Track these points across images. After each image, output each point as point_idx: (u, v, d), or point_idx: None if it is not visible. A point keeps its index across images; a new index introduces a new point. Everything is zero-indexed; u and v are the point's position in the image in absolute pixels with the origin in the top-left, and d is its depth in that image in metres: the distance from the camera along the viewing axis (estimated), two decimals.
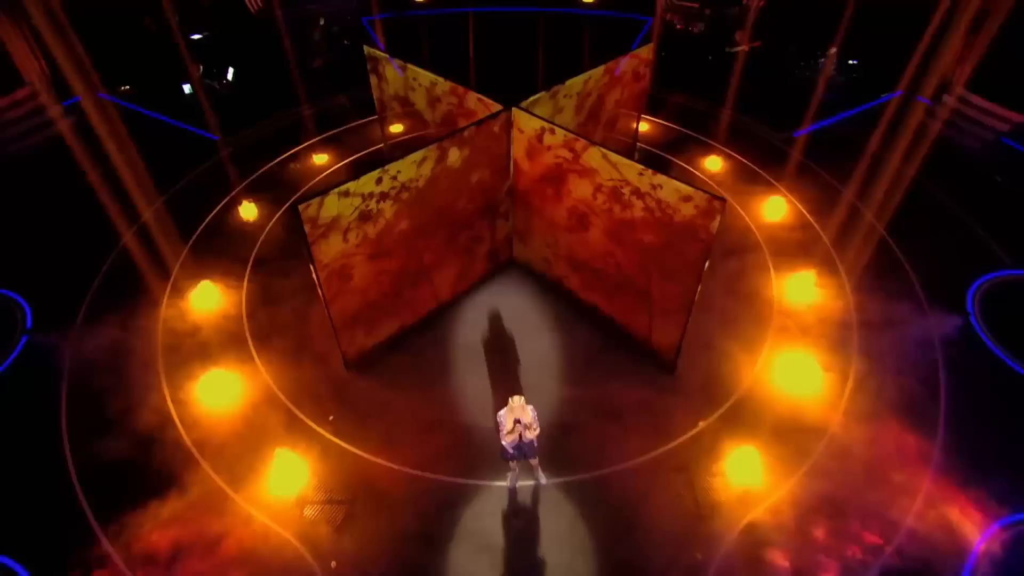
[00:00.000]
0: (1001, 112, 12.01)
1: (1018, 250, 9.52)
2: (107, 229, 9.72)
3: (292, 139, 11.88)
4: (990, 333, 8.36)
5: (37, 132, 11.74)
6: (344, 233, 6.42)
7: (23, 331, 8.20)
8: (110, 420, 7.20)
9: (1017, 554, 6.14)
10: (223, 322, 8.39)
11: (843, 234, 9.82)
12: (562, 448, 6.97)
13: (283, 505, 6.49)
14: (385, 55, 8.37)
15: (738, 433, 7.16)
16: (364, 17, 15.51)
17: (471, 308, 8.62)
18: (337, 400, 7.44)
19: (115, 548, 6.15)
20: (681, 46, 14.88)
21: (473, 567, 6.08)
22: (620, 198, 6.79)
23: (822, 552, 6.16)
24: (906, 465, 6.90)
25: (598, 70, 8.11)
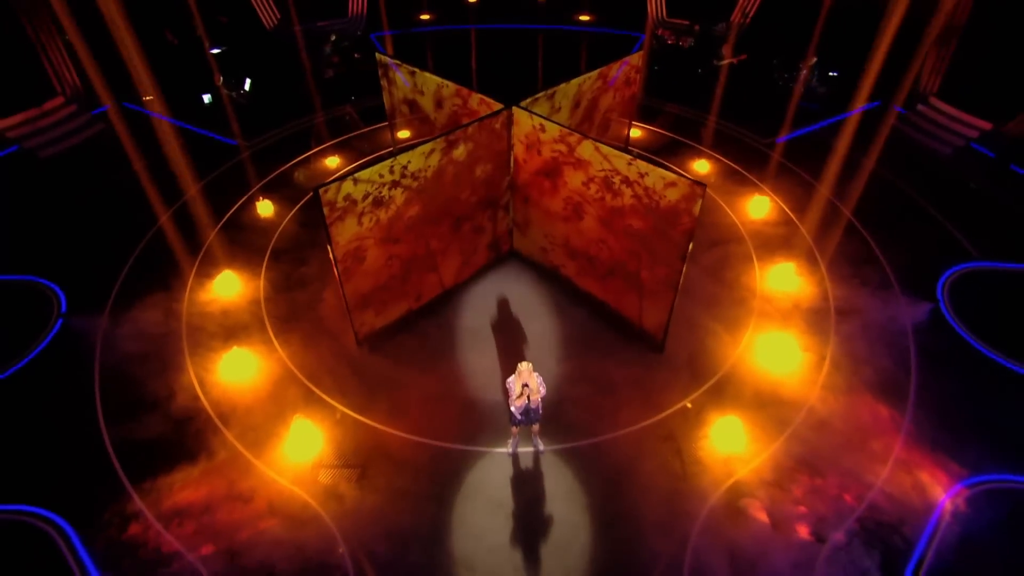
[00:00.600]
0: (970, 120, 12.61)
1: (984, 244, 10.01)
2: (135, 223, 10.26)
3: (305, 144, 12.45)
4: (958, 319, 8.82)
5: (69, 137, 12.31)
6: (359, 217, 6.93)
7: (58, 315, 8.66)
8: (139, 394, 7.64)
9: (976, 510, 6.56)
10: (243, 306, 8.87)
11: (822, 230, 10.32)
12: (559, 419, 7.40)
13: (300, 469, 6.90)
14: (394, 59, 8.95)
15: (722, 406, 7.59)
16: (373, 33, 16.22)
17: (474, 295, 9.11)
18: (349, 375, 7.87)
19: (146, 505, 6.55)
20: (672, 59, 15.56)
21: (478, 523, 6.48)
22: (611, 187, 7.31)
23: (800, 507, 6.57)
24: (879, 433, 7.32)
25: (592, 74, 8.68)
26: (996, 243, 10.04)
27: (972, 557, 6.23)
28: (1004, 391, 7.83)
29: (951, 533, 6.42)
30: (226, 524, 6.40)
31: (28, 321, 8.59)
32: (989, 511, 6.59)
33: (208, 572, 6.03)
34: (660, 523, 6.47)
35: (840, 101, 13.63)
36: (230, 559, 6.11)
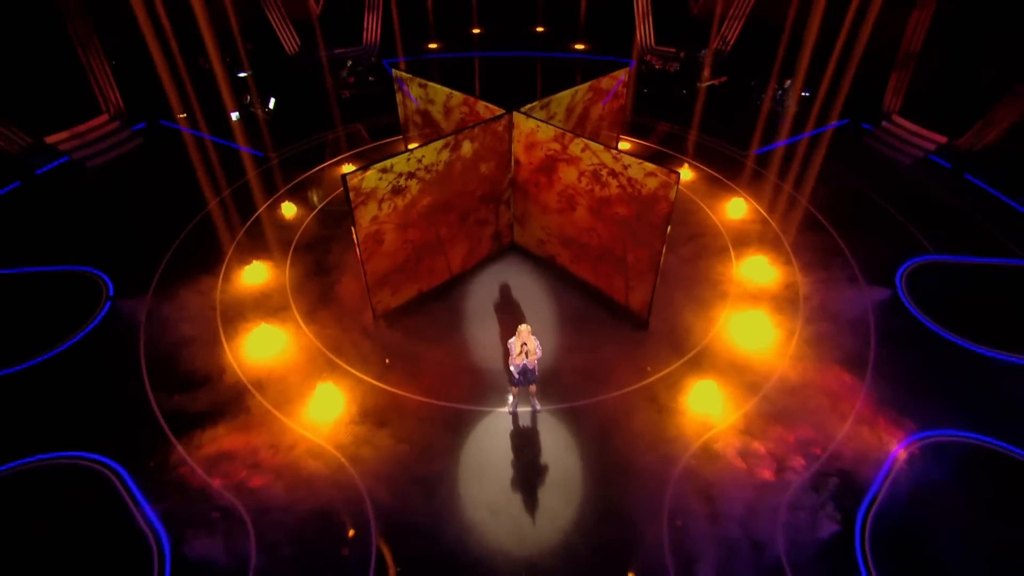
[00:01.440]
0: (928, 135, 13.62)
1: (938, 240, 10.88)
2: (172, 222, 11.15)
3: (323, 156, 13.45)
4: (914, 303, 9.62)
5: (112, 150, 13.34)
6: (379, 203, 7.82)
7: (107, 297, 9.50)
8: (179, 364, 8.40)
9: (923, 459, 7.28)
10: (270, 290, 9.69)
11: (794, 228, 11.19)
12: (554, 384, 8.15)
13: (324, 425, 7.63)
14: (407, 74, 9.97)
15: (700, 374, 8.34)
16: (386, 60, 17.44)
17: (478, 281, 9.94)
18: (367, 348, 8.64)
19: (189, 454, 7.27)
20: (659, 82, 16.70)
21: (483, 471, 7.17)
22: (599, 179, 8.21)
23: (770, 455, 7.27)
24: (841, 396, 8.06)
25: (584, 86, 9.66)
26: (948, 239, 10.90)
27: (919, 497, 6.92)
28: (951, 363, 8.60)
29: (901, 477, 7.11)
30: (259, 469, 7.10)
31: (81, 304, 9.41)
32: (934, 460, 7.31)
33: (242, 506, 6.72)
34: (644, 468, 7.17)
35: (813, 118, 14.68)
36: (262, 497, 6.80)
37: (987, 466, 7.29)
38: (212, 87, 14.92)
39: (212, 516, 6.63)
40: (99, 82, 13.55)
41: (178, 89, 14.75)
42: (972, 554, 6.40)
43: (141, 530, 6.57)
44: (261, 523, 6.58)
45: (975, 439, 7.54)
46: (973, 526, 6.65)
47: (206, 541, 6.43)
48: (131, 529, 6.58)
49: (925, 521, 6.72)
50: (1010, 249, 10.72)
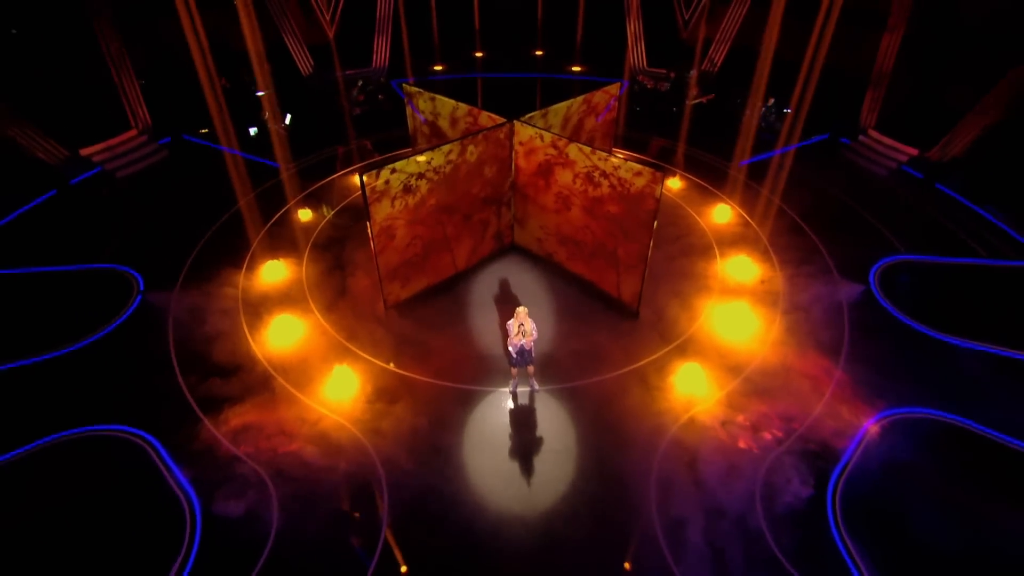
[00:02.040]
0: (901, 147, 14.39)
1: (909, 241, 11.55)
2: (196, 225, 11.83)
3: (336, 167, 14.21)
4: (885, 297, 10.24)
5: (140, 162, 14.12)
6: (392, 200, 8.51)
7: (138, 292, 10.14)
8: (205, 351, 8.99)
9: (890, 434, 7.83)
10: (288, 286, 10.32)
11: (775, 230, 11.84)
12: (553, 367, 8.73)
13: (340, 403, 8.19)
14: (417, 89, 10.76)
15: (687, 358, 8.93)
16: (394, 80, 18.36)
17: (481, 277, 10.58)
18: (379, 335, 9.24)
19: (215, 427, 7.83)
20: (652, 100, 17.57)
21: (486, 444, 7.72)
22: (592, 180, 8.92)
23: (750, 428, 7.82)
24: (817, 377, 8.62)
25: (578, 99, 10.43)
26: (919, 241, 11.57)
27: (886, 466, 7.45)
28: (918, 349, 9.18)
29: (871, 448, 7.65)
30: (279, 440, 7.65)
31: (115, 297, 10.05)
32: (900, 434, 7.85)
33: (264, 471, 7.26)
34: (634, 440, 7.72)
35: (795, 133, 15.47)
36: (283, 464, 7.34)
37: (948, 439, 7.83)
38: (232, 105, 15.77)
39: (238, 481, 7.15)
40: (129, 100, 14.39)
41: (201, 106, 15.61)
42: (932, 515, 6.90)
43: (174, 493, 7.10)
44: (282, 487, 7.11)
45: (938, 415, 8.09)
46: (934, 491, 7.17)
47: (233, 503, 6.94)
48: (165, 492, 7.11)
49: (891, 487, 7.24)
50: (974, 250, 11.38)
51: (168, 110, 15.33)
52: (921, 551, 6.58)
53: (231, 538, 6.66)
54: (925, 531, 6.75)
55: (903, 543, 6.66)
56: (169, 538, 6.64)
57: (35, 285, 10.43)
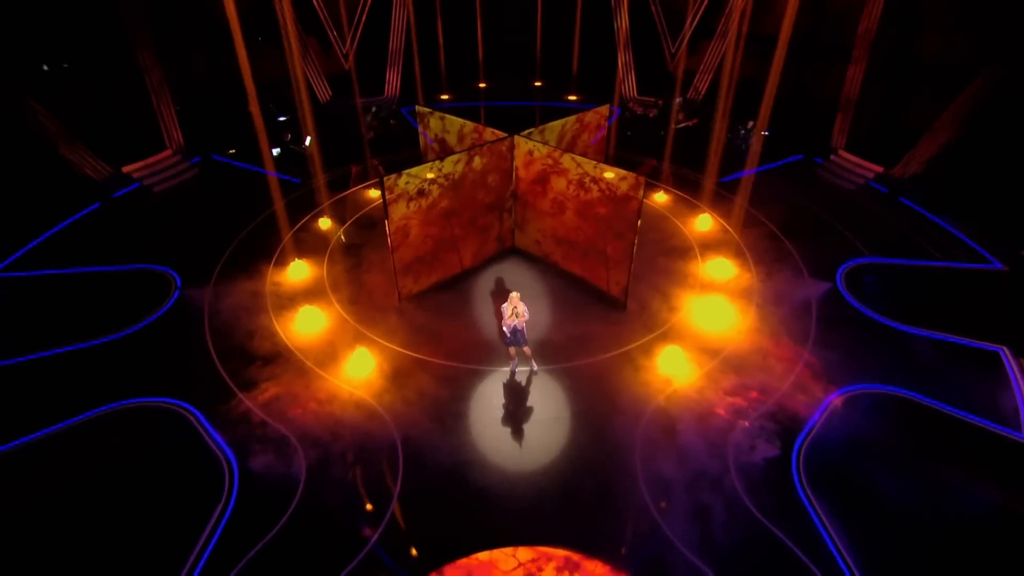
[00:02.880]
0: (868, 165, 15.52)
1: (873, 246, 12.53)
2: (226, 232, 12.85)
3: (351, 183, 15.32)
4: (850, 293, 11.16)
5: (174, 178, 15.26)
6: (407, 202, 9.53)
7: (176, 288, 11.09)
8: (237, 337, 9.87)
9: (848, 408, 8.64)
10: (310, 282, 11.27)
11: (751, 237, 12.84)
12: (549, 350, 9.59)
13: (359, 380, 9.04)
14: (428, 110, 11.90)
15: (669, 343, 9.80)
16: (404, 107, 19.68)
17: (484, 275, 11.53)
18: (393, 323, 10.13)
19: (248, 399, 8.67)
20: (641, 125, 18.82)
21: (491, 414, 8.54)
22: (584, 185, 9.96)
23: (725, 401, 8.65)
24: (786, 360, 9.47)
25: (572, 118, 11.57)
26: (882, 245, 12.55)
27: (845, 432, 8.25)
28: (877, 337, 10.05)
29: (832, 419, 8.46)
30: (305, 409, 8.48)
31: (156, 293, 10.99)
32: (858, 407, 8.66)
33: (293, 435, 8.07)
34: (622, 409, 8.54)
35: (772, 153, 16.66)
36: (309, 429, 8.16)
37: (901, 411, 8.64)
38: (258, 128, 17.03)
39: (269, 443, 7.96)
40: (165, 123, 15.62)
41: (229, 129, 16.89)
42: (885, 473, 7.65)
43: (214, 454, 7.90)
44: (308, 447, 7.91)
45: (892, 391, 8.92)
46: (888, 453, 7.95)
47: (265, 460, 7.74)
48: (206, 453, 7.91)
49: (849, 450, 8.01)
50: (931, 253, 12.35)
51: (199, 133, 16.53)
52: (873, 502, 7.32)
53: (265, 489, 7.43)
54: (878, 486, 7.50)
55: (858, 496, 7.41)
56: (211, 489, 7.41)
57: (87, 282, 11.38)
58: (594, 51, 21.89)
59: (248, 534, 6.87)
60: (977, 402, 8.67)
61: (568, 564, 6.66)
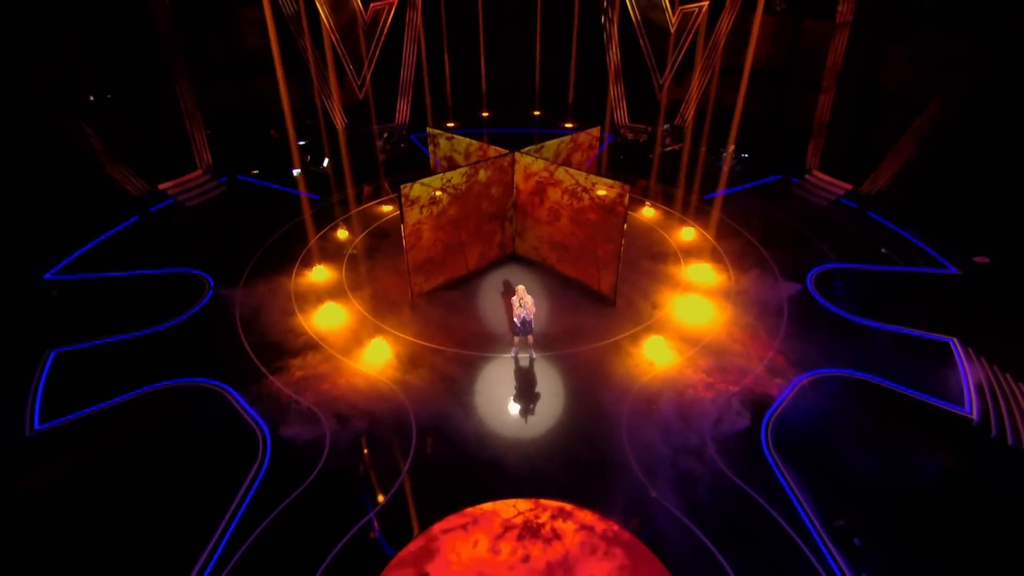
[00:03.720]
0: (838, 183, 16.76)
1: (838, 252, 13.64)
2: (253, 241, 13.99)
3: (364, 199, 16.56)
4: (818, 294, 12.21)
5: (203, 195, 16.52)
6: (421, 208, 10.70)
7: (210, 288, 12.17)
8: (266, 329, 10.89)
9: (815, 387, 9.62)
10: (331, 283, 12.35)
11: (731, 246, 13.94)
12: (546, 340, 10.59)
13: (376, 365, 10.04)
14: (438, 131, 13.19)
15: (654, 334, 10.82)
16: (413, 134, 21.11)
17: (488, 276, 12.61)
18: (406, 317, 11.18)
19: (277, 379, 9.66)
20: (632, 149, 20.19)
21: (493, 394, 9.51)
22: (576, 195, 11.13)
23: (704, 380, 9.62)
24: (759, 348, 10.47)
25: (566, 138, 12.82)
26: (849, 253, 13.67)
27: (809, 407, 9.19)
28: (842, 330, 11.06)
29: (799, 396, 9.42)
30: (328, 388, 9.46)
31: (192, 292, 12.07)
32: (822, 387, 9.63)
33: (319, 411, 9.02)
34: (610, 388, 9.51)
35: (752, 174, 17.93)
36: (332, 405, 9.12)
37: (860, 391, 9.59)
38: (279, 151, 18.43)
39: (296, 415, 8.92)
40: (197, 145, 16.97)
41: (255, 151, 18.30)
42: (846, 443, 8.58)
43: (249, 424, 8.86)
44: (332, 418, 8.86)
45: (853, 374, 9.89)
46: (847, 426, 8.88)
47: (294, 429, 8.69)
48: (242, 424, 8.87)
49: (812, 423, 8.94)
50: (893, 259, 13.46)
51: (226, 155, 17.86)
52: (831, 465, 8.23)
53: (294, 454, 8.36)
54: (838, 453, 8.41)
55: (819, 461, 8.31)
56: (247, 453, 8.34)
57: (132, 283, 12.47)
58: (588, 83, 23.45)
59: (282, 488, 7.78)
60: (929, 383, 9.63)
61: (562, 513, 7.56)
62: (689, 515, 7.46)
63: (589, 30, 22.05)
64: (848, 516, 7.45)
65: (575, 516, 7.50)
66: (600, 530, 7.32)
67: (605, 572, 6.84)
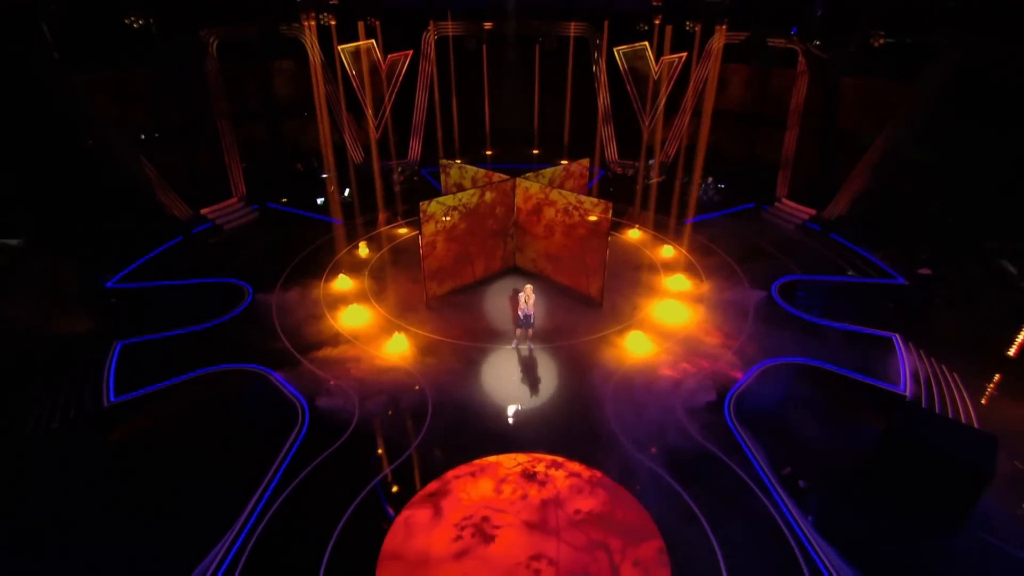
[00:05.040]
0: (804, 209, 18.68)
1: (804, 267, 15.38)
2: (285, 255, 15.80)
3: (381, 223, 18.46)
4: (782, 300, 13.87)
5: (239, 220, 18.46)
6: (436, 222, 12.53)
7: (249, 294, 13.88)
8: (300, 326, 12.52)
9: (773, 372, 11.16)
10: (355, 291, 14.06)
11: (706, 261, 15.70)
12: (542, 335, 12.19)
13: (397, 354, 11.63)
14: (449, 160, 15.18)
15: (635, 330, 12.43)
16: (423, 169, 23.28)
17: (491, 285, 14.32)
18: (422, 316, 12.82)
19: (310, 363, 11.24)
20: (621, 182, 22.26)
21: (499, 380, 11.02)
22: (568, 212, 12.98)
23: (677, 366, 11.17)
24: (726, 342, 12.05)
25: (559, 168, 14.78)
26: (811, 267, 15.41)
27: (766, 387, 10.72)
28: (799, 330, 12.67)
29: (759, 379, 10.96)
30: (356, 370, 11.01)
31: (236, 298, 13.77)
32: (779, 373, 11.17)
33: (348, 388, 10.58)
34: (596, 370, 11.07)
35: (728, 202, 19.88)
36: (359, 384, 10.66)
37: (813, 375, 11.10)
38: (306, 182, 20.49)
39: (329, 391, 10.46)
40: (233, 177, 19.03)
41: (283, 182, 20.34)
42: (798, 414, 10.07)
43: (289, 398, 10.39)
44: (360, 394, 10.39)
45: (808, 362, 11.44)
46: (799, 402, 10.38)
47: (327, 402, 10.21)
48: (284, 398, 10.40)
49: (770, 398, 10.45)
50: (847, 271, 15.18)
51: (258, 185, 19.90)
52: (785, 431, 9.70)
53: (328, 421, 9.85)
54: (790, 420, 9.89)
55: (774, 427, 9.76)
56: (289, 420, 9.84)
57: (179, 291, 14.18)
58: (582, 124, 25.79)
59: (320, 444, 9.27)
60: (872, 370, 11.17)
61: (554, 464, 9.01)
62: (660, 465, 8.91)
63: (582, 78, 24.55)
64: (795, 466, 8.87)
65: (565, 466, 8.95)
66: (586, 476, 8.76)
67: (589, 506, 8.26)
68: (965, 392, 10.53)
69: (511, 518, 8.03)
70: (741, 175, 21.01)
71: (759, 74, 21.49)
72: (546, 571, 7.34)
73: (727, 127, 22.32)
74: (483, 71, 25.33)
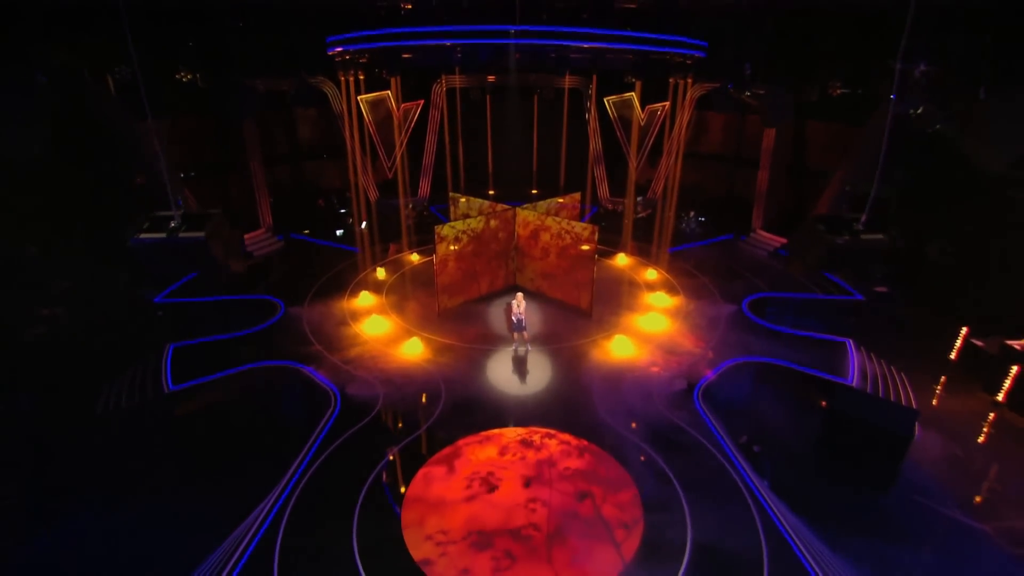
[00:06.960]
0: (776, 238, 21.07)
1: (771, 286, 17.58)
2: (310, 277, 18.07)
3: (392, 252, 20.82)
4: (752, 313, 16.01)
5: (266, 247, 20.84)
6: (448, 244, 14.84)
7: (281, 308, 16.04)
8: (327, 333, 14.63)
9: (740, 370, 13.19)
10: (375, 306, 16.22)
11: (685, 281, 17.93)
12: (539, 339, 14.29)
13: (414, 354, 13.68)
14: (458, 194, 17.64)
15: (620, 336, 14.51)
16: (432, 206, 25.88)
17: (495, 300, 16.51)
18: (435, 325, 14.95)
19: (336, 359, 13.29)
20: (611, 217, 24.80)
21: (500, 376, 13.06)
22: (560, 236, 15.31)
23: (657, 363, 13.21)
24: (699, 346, 14.14)
25: (555, 200, 17.23)
26: (778, 286, 17.62)
27: (732, 380, 12.73)
28: (763, 334, 14.75)
29: (726, 373, 12.98)
30: (377, 364, 13.05)
31: (269, 312, 15.92)
32: (745, 371, 13.19)
33: (373, 379, 12.59)
34: (587, 369, 13.10)
35: (708, 233, 22.29)
36: (382, 376, 12.68)
37: (773, 371, 13.12)
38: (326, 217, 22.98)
39: (358, 382, 12.46)
40: (261, 209, 21.54)
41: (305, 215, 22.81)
42: (760, 402, 12.03)
43: (323, 386, 12.38)
44: (384, 385, 12.39)
45: (770, 361, 13.46)
46: (759, 391, 12.36)
47: (356, 390, 12.20)
48: (318, 386, 12.39)
49: (734, 388, 12.43)
50: (812, 289, 17.39)
51: (282, 218, 22.39)
52: (745, 414, 11.62)
53: (357, 406, 11.81)
54: (754, 410, 11.82)
55: (735, 409, 11.72)
56: (324, 404, 11.80)
57: (218, 306, 16.35)
58: (576, 165, 28.61)
59: (350, 423, 11.20)
60: (825, 366, 13.17)
61: (549, 435, 10.93)
62: (638, 437, 10.82)
63: (575, 124, 27.54)
64: (750, 436, 10.77)
65: (558, 436, 10.86)
66: (575, 444, 10.67)
67: (577, 465, 10.14)
68: (908, 384, 12.47)
69: (512, 473, 9.89)
70: (721, 209, 23.53)
71: (736, 120, 24.38)
72: (540, 511, 9.16)
73: (709, 167, 25.05)
74: (487, 119, 28.38)
